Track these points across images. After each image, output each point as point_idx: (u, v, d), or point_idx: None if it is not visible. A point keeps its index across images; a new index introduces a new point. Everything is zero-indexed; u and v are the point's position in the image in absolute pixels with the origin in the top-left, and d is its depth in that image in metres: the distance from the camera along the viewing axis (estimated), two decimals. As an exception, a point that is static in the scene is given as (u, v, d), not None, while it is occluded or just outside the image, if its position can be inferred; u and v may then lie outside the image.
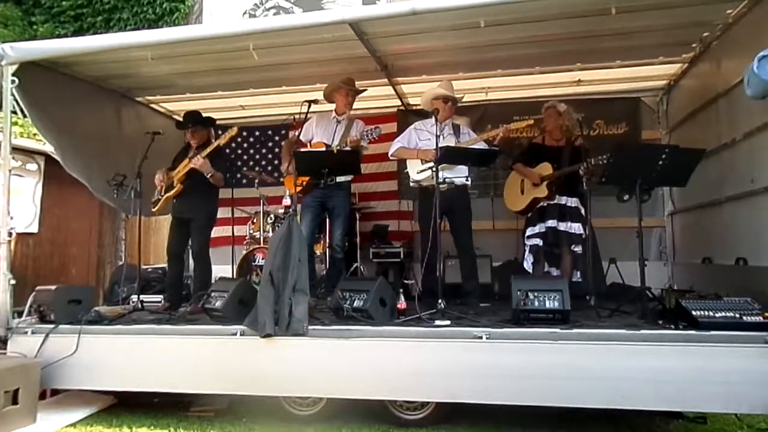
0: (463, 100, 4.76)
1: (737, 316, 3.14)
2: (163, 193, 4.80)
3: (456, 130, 4.66)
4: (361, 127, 4.89)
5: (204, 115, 5.07)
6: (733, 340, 3.03)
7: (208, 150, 4.64)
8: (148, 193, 4.89)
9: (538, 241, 4.58)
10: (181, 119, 5.14)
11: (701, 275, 4.81)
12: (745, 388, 2.96)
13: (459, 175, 4.48)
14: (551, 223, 4.53)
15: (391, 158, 4.97)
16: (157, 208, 4.87)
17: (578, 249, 4.44)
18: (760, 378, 2.95)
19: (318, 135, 4.84)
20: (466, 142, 4.53)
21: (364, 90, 5.02)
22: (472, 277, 4.61)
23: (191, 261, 5.21)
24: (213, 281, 4.78)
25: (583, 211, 4.47)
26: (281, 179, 5.44)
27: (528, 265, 4.57)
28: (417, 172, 4.56)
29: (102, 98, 5.46)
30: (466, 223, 4.60)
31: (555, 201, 4.58)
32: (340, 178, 4.68)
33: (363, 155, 4.81)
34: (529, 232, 4.62)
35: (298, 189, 4.58)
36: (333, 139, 4.78)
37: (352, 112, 5.03)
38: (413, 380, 3.38)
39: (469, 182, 4.61)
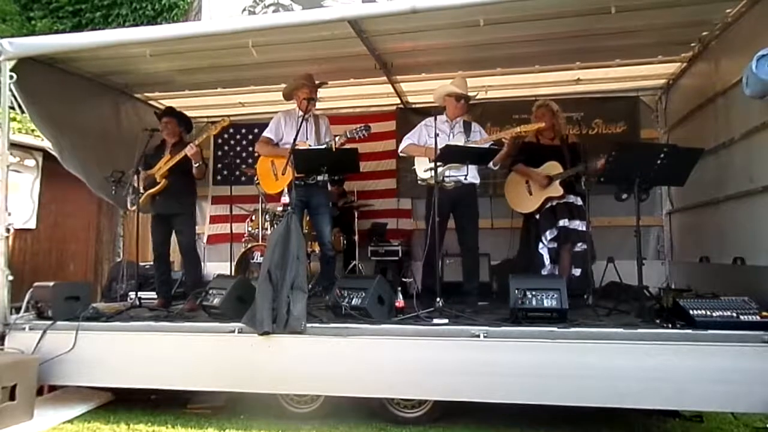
0: (477, 96, 4.72)
1: (734, 315, 3.16)
2: (143, 191, 4.73)
3: (467, 127, 4.61)
4: (327, 124, 4.88)
5: (190, 116, 5.12)
6: (730, 339, 3.04)
7: (202, 138, 4.69)
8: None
9: (555, 244, 4.55)
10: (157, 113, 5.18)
11: (699, 274, 4.82)
12: (742, 386, 2.97)
13: (464, 173, 4.44)
14: (563, 222, 4.51)
15: (401, 154, 4.94)
16: (135, 206, 4.79)
17: (583, 247, 4.43)
18: (757, 377, 2.96)
19: (289, 134, 4.69)
20: (475, 142, 4.51)
21: (326, 83, 4.94)
22: (473, 277, 4.59)
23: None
24: (209, 278, 4.77)
25: (584, 209, 4.47)
26: (256, 181, 5.35)
27: (546, 269, 4.51)
28: (424, 170, 4.53)
29: (100, 94, 5.46)
30: (472, 222, 4.57)
31: (564, 200, 4.57)
32: (319, 177, 4.64)
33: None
34: (549, 235, 4.53)
35: (278, 192, 4.53)
36: (307, 138, 4.72)
37: (350, 110, 5.02)
38: (411, 378, 3.38)
39: (477, 181, 4.58)
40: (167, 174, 4.70)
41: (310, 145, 4.65)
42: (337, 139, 4.61)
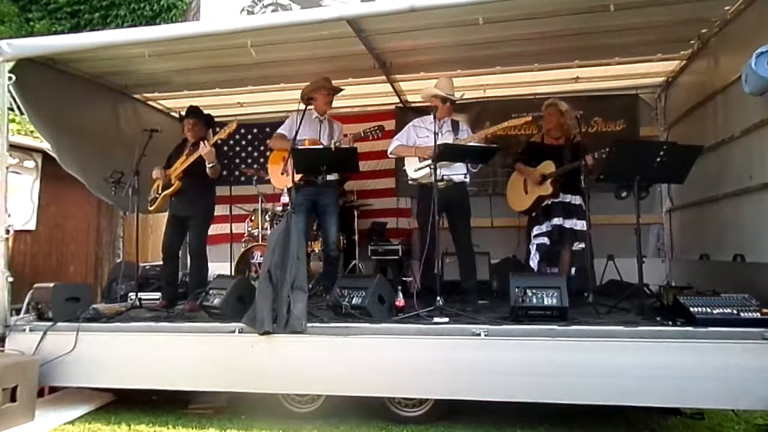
0: (462, 97, 4.74)
1: (735, 312, 3.15)
2: (160, 192, 4.78)
3: (455, 127, 4.64)
4: (341, 128, 4.92)
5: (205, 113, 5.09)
6: (731, 336, 3.04)
7: (214, 140, 4.65)
8: (145, 190, 4.88)
9: (545, 240, 4.56)
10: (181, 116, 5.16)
11: (699, 272, 4.82)
12: (742, 384, 2.97)
13: (456, 172, 4.46)
14: (557, 221, 4.52)
15: (390, 156, 4.96)
16: (155, 206, 4.86)
17: (581, 246, 4.43)
18: (757, 374, 2.96)
19: (303, 133, 4.72)
20: (464, 140, 4.53)
21: (342, 89, 4.98)
22: (470, 275, 4.60)
23: (187, 258, 5.20)
24: (210, 279, 4.77)
25: (584, 208, 4.47)
26: (267, 177, 5.37)
27: (534, 263, 4.54)
28: (414, 169, 4.55)
29: (99, 95, 5.44)
30: (464, 221, 4.59)
31: (559, 199, 4.57)
32: (329, 177, 4.65)
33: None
34: (536, 231, 4.58)
35: (289, 186, 4.55)
36: (320, 138, 4.76)
37: (349, 109, 5.03)
38: (412, 377, 3.38)
39: (467, 180, 4.60)
40: (182, 176, 4.70)
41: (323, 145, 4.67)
42: (346, 138, 4.67)
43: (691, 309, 3.21)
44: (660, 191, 5.94)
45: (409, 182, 4.71)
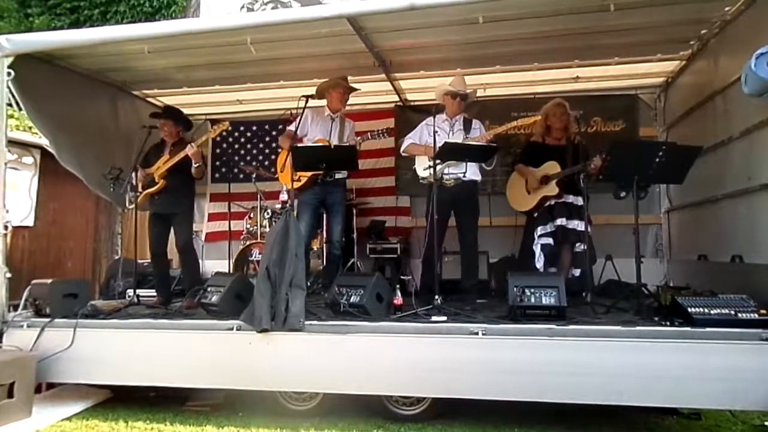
0: (475, 94, 4.75)
1: (732, 313, 3.16)
2: (140, 190, 4.74)
3: (467, 125, 4.64)
4: (352, 126, 4.94)
5: (188, 113, 5.15)
6: (728, 336, 3.04)
7: (202, 140, 4.69)
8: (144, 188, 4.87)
9: (550, 240, 4.55)
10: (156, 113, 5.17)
11: (697, 272, 4.82)
12: (740, 384, 2.98)
13: (463, 171, 4.45)
14: (560, 221, 4.52)
15: (402, 154, 4.97)
16: (133, 204, 4.81)
17: (582, 247, 4.43)
18: (754, 375, 2.96)
19: (314, 131, 4.84)
20: (474, 138, 4.53)
21: (358, 89, 5.00)
22: (472, 274, 4.61)
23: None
24: (202, 275, 4.76)
25: (585, 209, 4.48)
26: (276, 174, 5.40)
27: (540, 265, 4.52)
28: (423, 168, 4.55)
29: (98, 91, 5.43)
30: (472, 220, 4.59)
31: (562, 199, 4.57)
32: (338, 175, 4.69)
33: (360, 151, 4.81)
34: (540, 231, 4.55)
35: (296, 185, 4.58)
36: (330, 136, 4.79)
37: (349, 107, 5.06)
38: (409, 376, 3.38)
39: (478, 178, 4.59)
40: (166, 174, 4.69)
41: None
42: (359, 139, 4.74)
43: (689, 309, 3.22)
44: (659, 191, 5.93)
45: (420, 181, 4.71)
